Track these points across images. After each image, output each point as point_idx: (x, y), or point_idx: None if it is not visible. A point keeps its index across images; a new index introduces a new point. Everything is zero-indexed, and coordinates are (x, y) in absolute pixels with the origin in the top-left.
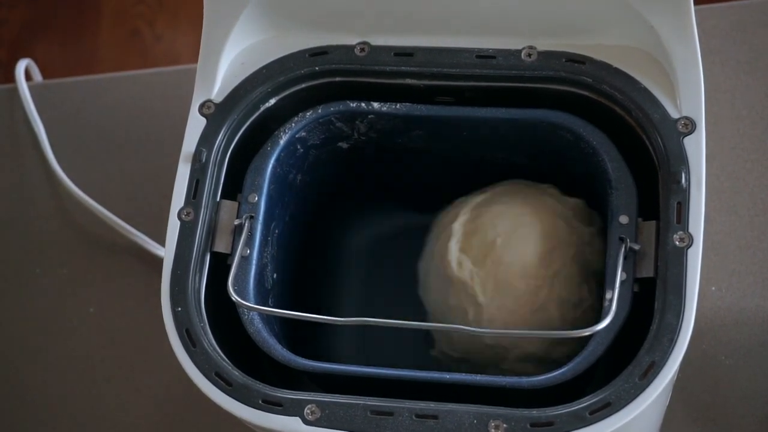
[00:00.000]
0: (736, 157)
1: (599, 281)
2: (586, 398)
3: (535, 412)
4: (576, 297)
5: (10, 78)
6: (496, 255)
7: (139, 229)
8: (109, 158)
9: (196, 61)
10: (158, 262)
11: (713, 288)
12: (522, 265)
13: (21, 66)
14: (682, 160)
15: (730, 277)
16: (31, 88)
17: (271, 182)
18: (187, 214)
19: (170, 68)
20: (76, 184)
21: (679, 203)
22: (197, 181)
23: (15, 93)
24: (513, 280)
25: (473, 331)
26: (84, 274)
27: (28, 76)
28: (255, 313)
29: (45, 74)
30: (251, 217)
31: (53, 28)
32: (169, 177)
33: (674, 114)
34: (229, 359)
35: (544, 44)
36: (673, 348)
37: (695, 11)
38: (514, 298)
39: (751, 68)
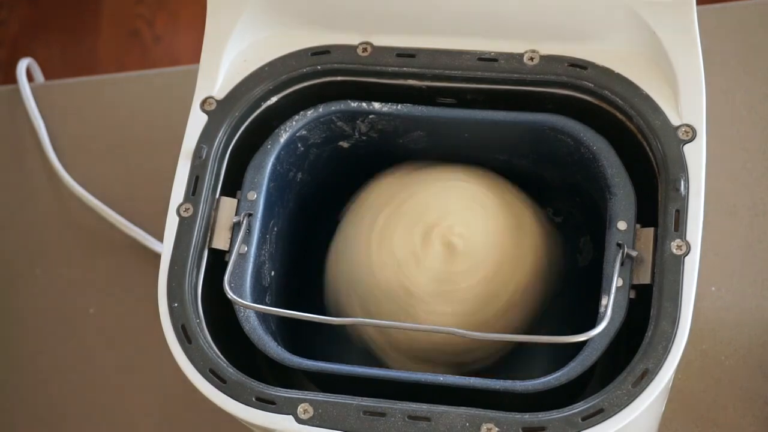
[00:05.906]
0: (736, 157)
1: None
2: (578, 404)
3: (527, 417)
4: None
5: (12, 78)
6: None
7: (140, 229)
8: (111, 158)
9: (195, 61)
10: (159, 261)
11: (713, 288)
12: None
13: (22, 66)
14: (682, 167)
15: (730, 277)
16: (32, 88)
17: (270, 180)
18: (186, 210)
19: (170, 69)
20: (78, 183)
21: (677, 211)
22: (197, 178)
23: (16, 93)
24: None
25: (469, 334)
26: (84, 274)
27: (30, 76)
28: (251, 310)
29: (45, 74)
30: (250, 215)
31: (53, 28)
32: (169, 176)
33: (675, 121)
34: (225, 356)
35: (547, 48)
36: (667, 355)
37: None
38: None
39: (751, 68)
